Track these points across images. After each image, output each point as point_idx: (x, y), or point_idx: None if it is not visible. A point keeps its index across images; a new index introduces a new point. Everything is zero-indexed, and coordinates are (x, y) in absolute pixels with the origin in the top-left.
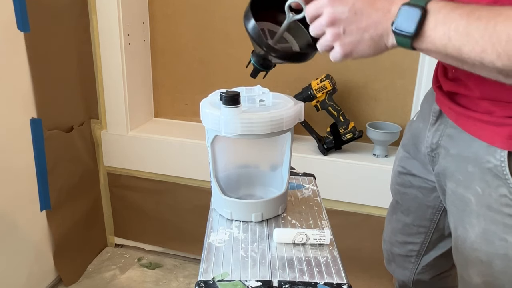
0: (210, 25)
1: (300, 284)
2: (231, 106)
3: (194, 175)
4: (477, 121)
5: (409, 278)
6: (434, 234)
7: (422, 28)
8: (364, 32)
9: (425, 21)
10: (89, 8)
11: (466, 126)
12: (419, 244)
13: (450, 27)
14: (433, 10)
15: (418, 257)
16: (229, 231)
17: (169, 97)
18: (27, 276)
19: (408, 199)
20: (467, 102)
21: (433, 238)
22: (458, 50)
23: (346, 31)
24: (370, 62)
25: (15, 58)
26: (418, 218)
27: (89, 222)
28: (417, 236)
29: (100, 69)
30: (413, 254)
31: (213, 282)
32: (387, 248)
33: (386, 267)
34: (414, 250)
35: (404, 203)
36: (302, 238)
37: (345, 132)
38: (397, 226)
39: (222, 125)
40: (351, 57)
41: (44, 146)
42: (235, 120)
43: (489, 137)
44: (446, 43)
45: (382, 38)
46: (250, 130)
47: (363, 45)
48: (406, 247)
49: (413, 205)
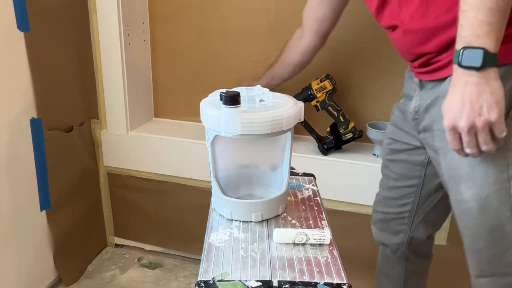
0: (210, 25)
1: (300, 284)
2: (231, 106)
3: (194, 175)
4: (444, 65)
5: (403, 240)
6: (422, 191)
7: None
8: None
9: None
10: (89, 8)
11: (438, 74)
12: (410, 204)
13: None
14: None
15: (410, 217)
16: (229, 231)
17: (169, 97)
18: (27, 276)
19: (397, 164)
20: (434, 61)
21: (422, 194)
22: (499, 14)
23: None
24: (370, 62)
25: (15, 58)
26: (407, 179)
27: (89, 222)
28: (407, 197)
29: (100, 69)
30: (405, 215)
31: (213, 282)
32: (380, 218)
33: (376, 239)
34: (407, 210)
35: (394, 170)
36: (302, 238)
37: (345, 132)
38: (389, 194)
39: (222, 125)
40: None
41: (44, 146)
42: (235, 120)
43: (450, 70)
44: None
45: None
46: (250, 130)
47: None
48: (399, 209)
49: (402, 167)
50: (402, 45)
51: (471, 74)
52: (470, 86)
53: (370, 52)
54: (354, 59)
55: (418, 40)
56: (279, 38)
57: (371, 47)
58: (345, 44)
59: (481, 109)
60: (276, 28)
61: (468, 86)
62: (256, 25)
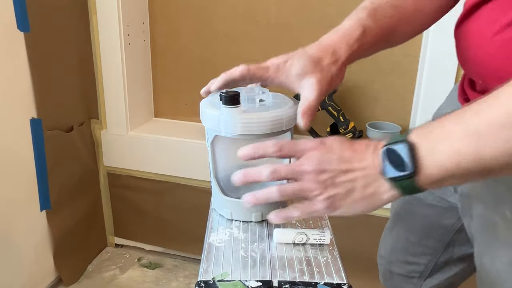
0: (210, 25)
1: (300, 284)
2: (231, 106)
3: (194, 175)
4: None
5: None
6: (442, 256)
7: (418, 160)
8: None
9: (417, 150)
10: (89, 8)
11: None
12: (423, 265)
13: (450, 138)
14: (419, 134)
15: (420, 279)
16: (229, 231)
17: (169, 97)
18: (27, 276)
19: (415, 217)
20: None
21: (440, 260)
22: (478, 159)
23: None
24: (370, 62)
25: (15, 58)
26: (425, 237)
27: (89, 222)
28: (421, 257)
29: (100, 69)
30: (415, 276)
31: (213, 282)
32: (384, 265)
33: (382, 283)
34: (417, 271)
35: (409, 220)
36: (302, 238)
37: (345, 132)
38: (398, 243)
39: (222, 125)
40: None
41: (44, 146)
42: (234, 120)
43: None
44: (459, 159)
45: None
46: (250, 130)
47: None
48: (408, 267)
49: (421, 223)
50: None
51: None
52: None
53: None
54: None
55: None
56: (279, 38)
57: None
58: None
59: None
60: (276, 28)
61: None
62: (256, 25)
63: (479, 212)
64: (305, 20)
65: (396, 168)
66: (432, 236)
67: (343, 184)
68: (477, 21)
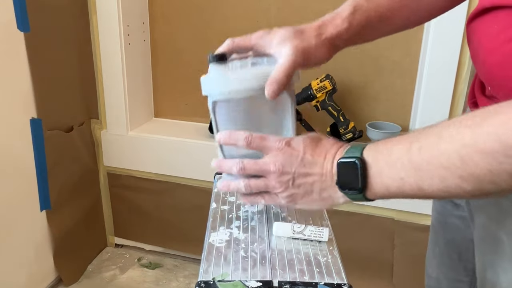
0: (210, 25)
1: (301, 285)
2: (218, 62)
3: (194, 175)
4: None
5: None
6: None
7: (367, 180)
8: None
9: (367, 169)
10: (89, 8)
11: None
12: (467, 283)
13: (396, 166)
14: (371, 154)
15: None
16: (229, 231)
17: (169, 97)
18: (27, 276)
19: (450, 230)
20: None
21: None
22: (418, 189)
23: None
24: (370, 62)
25: (15, 58)
26: (464, 252)
27: (89, 222)
28: (464, 274)
29: (100, 69)
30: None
31: (213, 282)
32: (433, 286)
33: None
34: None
35: (446, 234)
36: (300, 226)
37: (345, 132)
38: (442, 260)
39: (214, 84)
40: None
41: (44, 146)
42: (222, 77)
43: None
44: (402, 186)
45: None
46: (242, 86)
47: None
48: (455, 285)
49: (456, 236)
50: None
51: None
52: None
53: (370, 52)
54: (354, 59)
55: None
56: None
57: (372, 47)
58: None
59: None
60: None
61: None
62: (256, 25)
63: (481, 222)
64: (305, 20)
65: (347, 183)
66: (468, 250)
67: (302, 186)
68: (489, 23)
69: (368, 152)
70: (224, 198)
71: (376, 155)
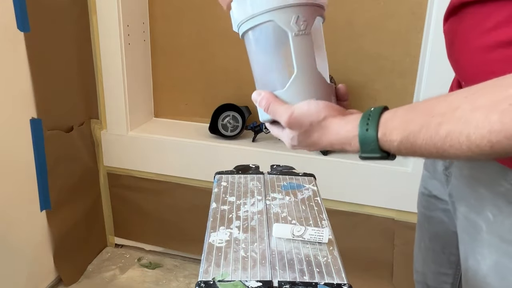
0: (210, 25)
1: (301, 285)
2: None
3: (194, 175)
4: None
5: None
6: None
7: (380, 122)
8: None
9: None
10: (89, 8)
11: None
12: (451, 275)
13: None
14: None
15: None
16: (229, 231)
17: (169, 97)
18: (27, 276)
19: (434, 223)
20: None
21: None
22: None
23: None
24: (370, 62)
25: (15, 58)
26: (447, 245)
27: (89, 222)
28: (448, 266)
29: (100, 69)
30: (446, 287)
31: (213, 282)
32: (420, 280)
33: None
34: (448, 282)
35: (431, 228)
36: (300, 228)
37: None
38: (427, 254)
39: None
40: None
41: (44, 146)
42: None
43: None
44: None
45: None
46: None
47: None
48: (439, 278)
49: (440, 229)
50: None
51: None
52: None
53: (370, 52)
54: (354, 59)
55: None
56: None
57: (372, 47)
58: (345, 44)
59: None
60: None
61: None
62: None
63: (462, 212)
64: None
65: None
66: (452, 243)
67: (310, 147)
68: (459, 21)
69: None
70: (224, 198)
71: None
